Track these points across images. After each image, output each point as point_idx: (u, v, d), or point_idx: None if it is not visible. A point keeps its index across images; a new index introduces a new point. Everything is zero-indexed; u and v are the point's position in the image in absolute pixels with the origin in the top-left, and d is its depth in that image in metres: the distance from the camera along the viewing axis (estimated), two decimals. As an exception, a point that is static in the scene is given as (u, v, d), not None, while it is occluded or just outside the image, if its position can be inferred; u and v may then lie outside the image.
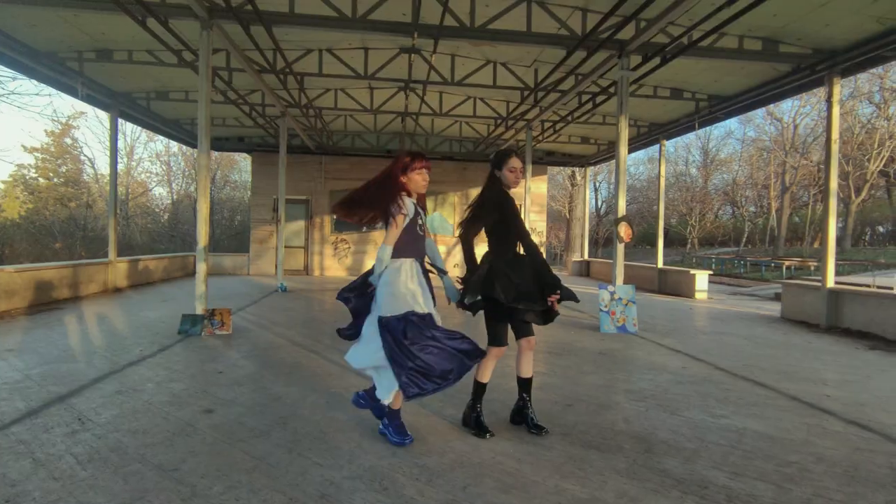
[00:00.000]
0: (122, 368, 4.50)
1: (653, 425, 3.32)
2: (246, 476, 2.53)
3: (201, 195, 6.25)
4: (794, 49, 6.96)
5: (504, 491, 2.42)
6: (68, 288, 9.11)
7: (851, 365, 5.09)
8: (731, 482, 2.55)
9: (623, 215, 6.69)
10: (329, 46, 8.70)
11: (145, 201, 28.55)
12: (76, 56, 8.35)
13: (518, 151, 3.17)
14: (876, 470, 2.72)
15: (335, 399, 3.76)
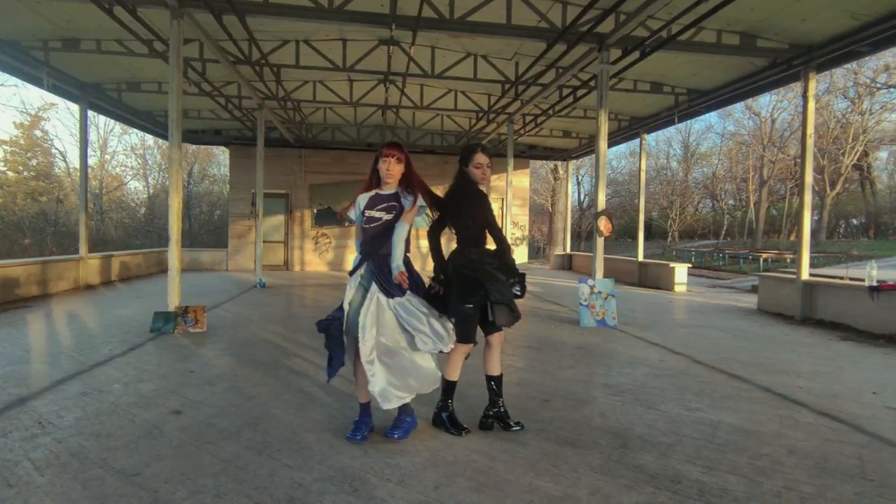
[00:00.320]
0: (89, 369, 4.36)
1: (629, 420, 3.31)
2: (212, 480, 2.45)
3: (173, 190, 6.08)
4: (771, 44, 7.02)
5: (476, 490, 2.38)
6: (37, 285, 8.83)
7: (825, 356, 5.18)
8: (704, 476, 2.55)
9: (603, 209, 6.69)
10: (306, 37, 8.52)
11: (120, 196, 27.86)
12: (41, 45, 8.04)
13: (485, 147, 3.03)
14: (845, 461, 2.75)
15: (309, 398, 3.68)
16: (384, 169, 2.93)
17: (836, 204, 21.48)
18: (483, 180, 3.01)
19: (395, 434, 2.94)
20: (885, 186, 25.50)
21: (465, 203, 3.01)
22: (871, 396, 3.88)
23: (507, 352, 5.18)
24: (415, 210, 2.92)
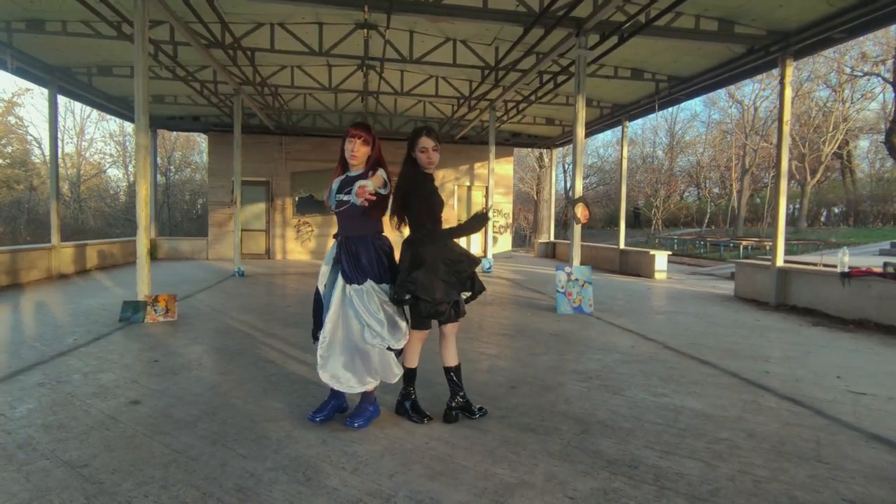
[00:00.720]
0: (51, 359, 4.25)
1: (593, 405, 3.31)
2: (161, 471, 2.39)
3: (140, 176, 5.92)
4: (749, 30, 7.00)
5: (431, 478, 2.35)
6: (6, 275, 8.61)
7: (794, 342, 5.23)
8: (661, 461, 2.54)
9: (580, 196, 6.67)
10: (281, 21, 8.32)
11: (99, 183, 27.29)
12: (4, 26, 7.76)
13: (431, 129, 2.89)
14: (802, 444, 2.77)
15: (273, 386, 3.62)
16: (349, 149, 2.87)
17: (818, 192, 21.76)
18: (428, 165, 2.91)
19: (356, 423, 2.90)
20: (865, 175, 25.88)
21: (409, 194, 2.91)
22: (835, 380, 3.92)
23: (481, 339, 5.16)
24: (379, 179, 2.82)
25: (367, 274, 2.81)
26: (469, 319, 6.16)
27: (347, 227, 2.89)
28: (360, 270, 2.80)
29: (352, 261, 2.80)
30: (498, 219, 16.04)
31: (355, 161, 2.89)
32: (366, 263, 2.82)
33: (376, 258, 2.84)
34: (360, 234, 2.85)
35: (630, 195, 27.82)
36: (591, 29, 6.52)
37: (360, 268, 2.81)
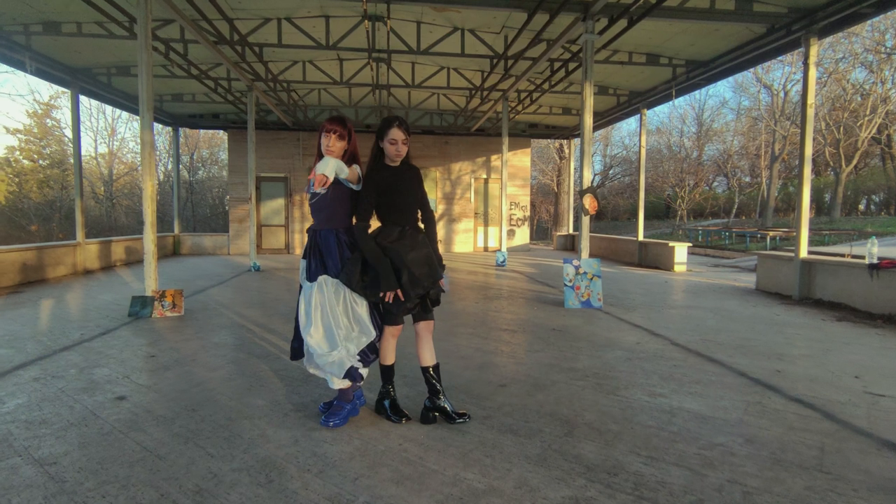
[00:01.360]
0: (53, 354, 4.33)
1: (583, 406, 3.15)
2: (125, 469, 2.36)
3: (146, 173, 5.99)
4: (769, 8, 6.60)
5: (397, 482, 2.26)
6: (33, 271, 8.92)
7: (813, 338, 4.93)
8: (644, 468, 2.38)
9: (588, 187, 6.44)
10: (287, 15, 8.29)
11: (129, 181, 28.12)
12: (22, 29, 7.96)
13: (402, 121, 2.75)
14: (804, 451, 2.56)
15: (259, 383, 3.59)
16: (325, 144, 2.81)
17: (855, 180, 20.64)
18: (396, 157, 2.78)
19: (330, 422, 2.82)
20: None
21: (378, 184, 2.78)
22: (853, 381, 3.65)
23: (479, 335, 5.04)
24: (354, 173, 2.75)
25: (330, 269, 2.75)
26: (471, 314, 6.04)
27: (316, 218, 2.84)
28: (317, 268, 2.75)
29: (316, 255, 2.75)
30: (515, 212, 15.80)
31: (331, 155, 2.82)
32: (331, 258, 2.75)
33: (339, 252, 2.75)
34: (327, 227, 2.78)
35: (655, 185, 27.07)
36: (599, 12, 6.26)
37: (317, 265, 2.76)
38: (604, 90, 11.27)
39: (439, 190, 15.67)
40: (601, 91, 11.24)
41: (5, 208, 19.23)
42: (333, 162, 2.57)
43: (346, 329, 2.76)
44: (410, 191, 2.80)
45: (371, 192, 2.74)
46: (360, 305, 2.78)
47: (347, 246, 2.81)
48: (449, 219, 15.81)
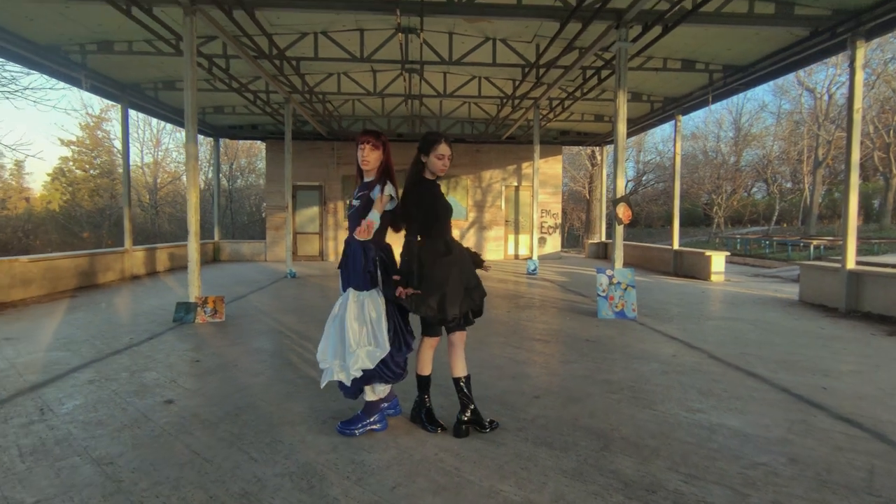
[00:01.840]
0: (105, 357, 4.56)
1: (619, 420, 3.12)
2: (176, 471, 2.48)
3: (190, 185, 6.26)
4: (811, 10, 6.41)
5: (434, 493, 2.30)
6: (85, 276, 9.40)
7: (862, 353, 4.73)
8: (684, 486, 2.35)
9: (622, 196, 6.37)
10: (324, 29, 8.54)
11: (173, 190, 29.26)
12: (78, 49, 8.45)
13: (447, 137, 2.85)
14: (852, 473, 2.47)
15: (297, 389, 3.70)
16: (360, 156, 2.92)
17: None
18: (441, 172, 2.85)
19: (346, 430, 2.89)
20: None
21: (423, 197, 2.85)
22: (905, 399, 3.50)
23: (512, 344, 5.04)
24: (383, 200, 2.84)
25: (353, 282, 2.83)
26: (503, 323, 6.05)
27: (351, 230, 2.92)
28: (346, 278, 2.88)
29: (343, 266, 2.89)
30: (546, 219, 15.71)
31: (367, 166, 2.93)
32: (355, 271, 2.84)
33: (363, 264, 2.82)
34: (358, 240, 2.85)
35: (691, 192, 26.41)
36: (632, 20, 6.21)
37: (347, 274, 2.88)
38: (637, 97, 11.12)
39: (470, 198, 15.73)
40: (634, 98, 11.10)
41: (59, 216, 20.32)
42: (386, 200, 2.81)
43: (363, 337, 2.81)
44: (447, 203, 2.88)
45: (415, 204, 2.81)
46: (383, 320, 2.84)
47: (373, 261, 2.87)
48: (479, 226, 15.84)
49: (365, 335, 2.83)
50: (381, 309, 2.85)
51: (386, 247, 2.96)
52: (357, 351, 2.80)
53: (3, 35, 7.48)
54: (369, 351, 2.82)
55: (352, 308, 2.84)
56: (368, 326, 2.83)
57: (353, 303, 2.85)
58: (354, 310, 2.84)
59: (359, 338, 2.82)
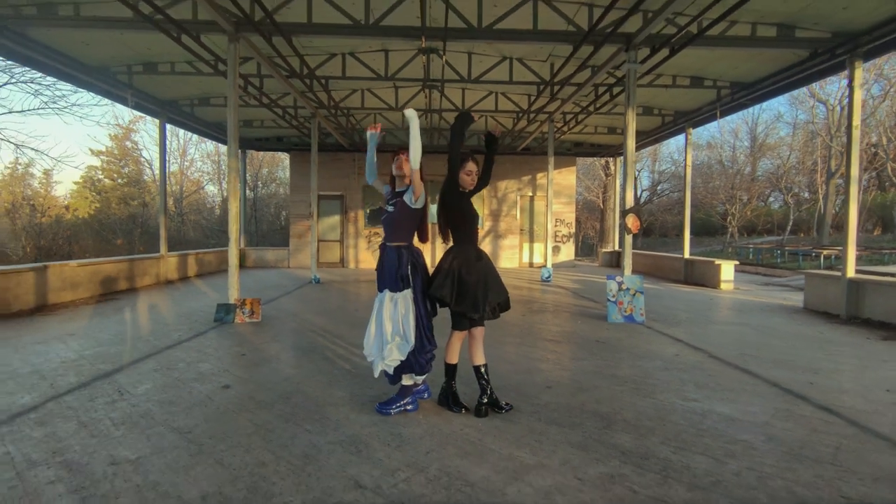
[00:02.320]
0: (161, 351, 5.11)
1: (621, 406, 3.55)
2: (245, 439, 2.98)
3: (232, 196, 6.84)
4: (811, 33, 6.80)
5: (461, 457, 2.76)
6: (125, 280, 10.07)
7: (854, 355, 5.07)
8: (672, 455, 2.78)
9: (631, 207, 6.79)
10: (351, 51, 9.14)
11: (197, 198, 30.27)
12: (125, 69, 9.17)
13: (474, 156, 3.43)
14: (821, 449, 2.87)
15: (337, 378, 4.19)
16: (395, 166, 3.42)
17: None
18: (470, 186, 3.36)
19: (383, 409, 3.36)
20: None
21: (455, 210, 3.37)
22: (884, 394, 3.86)
23: (527, 344, 5.48)
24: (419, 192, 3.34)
25: (387, 283, 3.32)
26: (518, 325, 6.48)
27: (386, 233, 3.44)
28: (382, 280, 3.37)
29: (379, 268, 3.36)
30: (560, 228, 16.10)
31: (402, 173, 3.42)
32: (388, 273, 3.32)
33: (396, 267, 3.31)
34: (393, 244, 3.36)
35: (705, 201, 26.54)
36: (641, 43, 6.66)
37: (383, 276, 3.36)
38: (648, 111, 11.53)
39: (486, 207, 16.20)
40: (646, 112, 11.51)
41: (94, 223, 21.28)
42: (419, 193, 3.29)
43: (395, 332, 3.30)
44: (475, 213, 3.38)
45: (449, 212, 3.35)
46: (409, 318, 3.32)
47: (408, 262, 3.36)
48: (495, 235, 16.29)
49: (396, 330, 3.31)
50: (411, 308, 3.33)
51: (417, 252, 3.44)
52: (390, 343, 3.28)
53: (58, 58, 8.19)
54: (399, 344, 3.30)
55: (387, 306, 3.33)
56: (399, 322, 3.31)
57: (388, 302, 3.34)
58: (389, 308, 3.33)
59: (392, 332, 3.30)
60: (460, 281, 3.21)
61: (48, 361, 4.64)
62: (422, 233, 3.52)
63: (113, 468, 2.61)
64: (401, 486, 2.44)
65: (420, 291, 3.36)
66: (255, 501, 2.29)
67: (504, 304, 3.40)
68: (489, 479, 2.51)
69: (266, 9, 6.37)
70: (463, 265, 3.24)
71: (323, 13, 6.84)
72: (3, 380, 4.06)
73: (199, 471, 2.58)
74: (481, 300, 3.20)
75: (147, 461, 2.68)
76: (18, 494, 2.35)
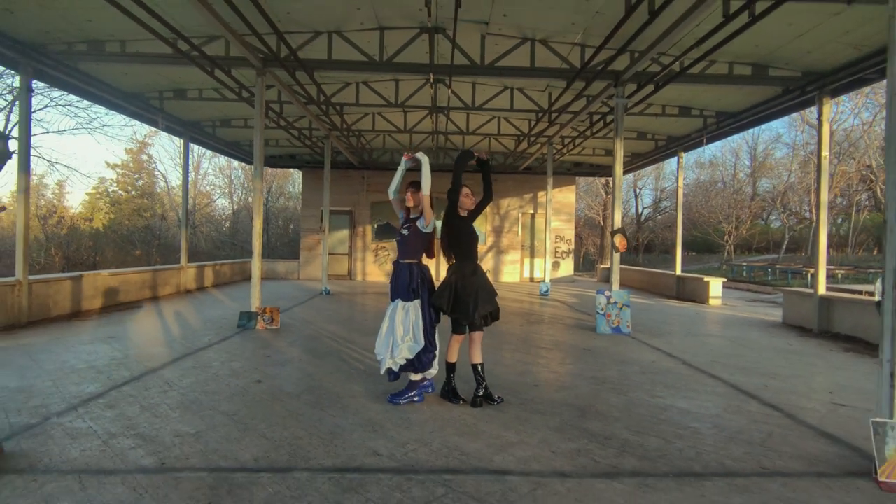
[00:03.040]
0: (195, 352, 5.77)
1: (596, 401, 4.16)
2: (281, 420, 3.62)
3: (256, 213, 7.55)
4: (783, 72, 7.49)
5: (459, 435, 3.38)
6: (149, 289, 10.78)
7: (813, 364, 5.65)
8: (631, 437, 3.39)
9: (619, 227, 7.43)
10: (365, 80, 9.92)
11: (209, 211, 31.16)
12: (157, 95, 9.98)
13: (465, 183, 4.18)
14: (755, 434, 3.48)
15: (352, 376, 4.82)
16: (408, 198, 4.12)
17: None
18: (471, 206, 4.05)
19: (394, 400, 4.00)
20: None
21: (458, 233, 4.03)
22: (826, 395, 4.45)
23: (521, 350, 6.10)
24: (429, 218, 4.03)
25: (399, 294, 3.97)
26: (515, 335, 7.10)
27: (400, 252, 4.10)
28: (395, 291, 4.01)
29: (393, 281, 4.03)
30: (560, 245, 16.75)
31: (412, 205, 4.11)
32: (401, 286, 3.98)
33: (408, 281, 3.97)
34: (404, 261, 4.03)
35: (702, 220, 27.14)
36: (628, 80, 7.37)
37: (396, 288, 4.01)
38: (643, 135, 12.24)
39: (489, 224, 16.89)
40: (640, 136, 12.22)
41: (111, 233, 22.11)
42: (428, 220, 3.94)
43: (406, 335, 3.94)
44: (475, 233, 4.05)
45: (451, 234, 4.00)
46: (419, 323, 3.96)
47: (418, 277, 4.02)
48: (497, 250, 16.94)
49: (406, 333, 3.96)
50: (419, 315, 3.99)
51: (425, 268, 4.11)
52: (401, 344, 3.93)
53: (100, 85, 8.99)
54: (410, 345, 3.94)
55: (399, 313, 3.99)
56: (409, 327, 3.97)
57: (400, 310, 4.00)
58: (401, 315, 3.99)
59: (403, 335, 3.95)
60: (456, 292, 3.86)
61: (99, 359, 5.30)
62: (429, 251, 4.19)
63: (178, 439, 3.25)
64: (410, 454, 3.07)
65: (426, 301, 4.01)
66: (296, 462, 2.93)
67: (494, 313, 4.02)
68: (480, 451, 3.13)
69: (290, 47, 7.14)
70: (459, 279, 3.89)
71: (341, 50, 7.60)
72: (66, 373, 4.73)
73: (248, 441, 3.22)
74: (472, 309, 3.84)
75: (205, 434, 3.33)
76: (110, 455, 2.99)
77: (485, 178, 4.23)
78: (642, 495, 2.61)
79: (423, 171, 3.97)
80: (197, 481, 2.68)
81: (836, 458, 3.13)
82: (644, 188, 32.89)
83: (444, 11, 6.61)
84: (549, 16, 6.74)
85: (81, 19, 6.76)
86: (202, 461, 2.93)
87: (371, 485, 2.67)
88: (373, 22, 7.30)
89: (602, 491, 2.65)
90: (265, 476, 2.75)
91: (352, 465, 2.90)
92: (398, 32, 7.46)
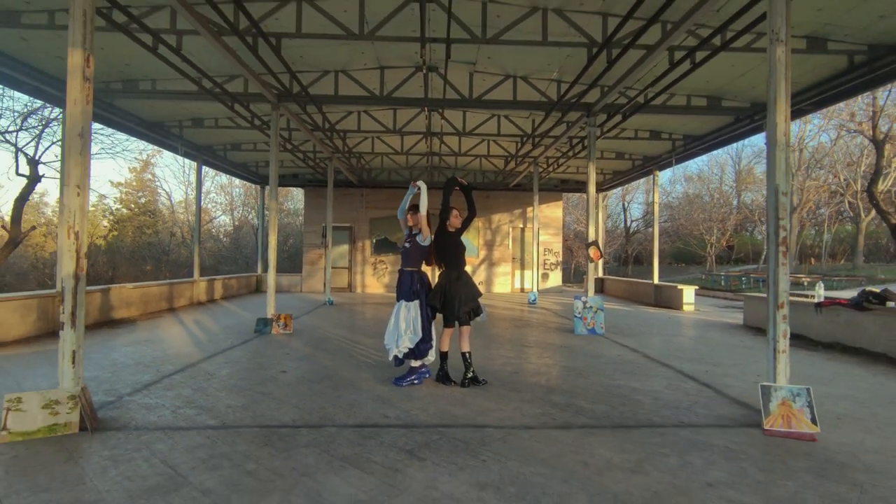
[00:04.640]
0: (223, 351, 6.66)
1: (563, 382, 5.10)
2: (309, 397, 4.53)
3: (271, 230, 8.49)
4: (734, 103, 8.56)
5: (451, 405, 4.31)
6: (166, 301, 11.65)
7: (753, 357, 6.60)
8: (585, 405, 4.32)
9: (593, 240, 8.42)
10: (366, 109, 10.96)
11: (210, 228, 32.05)
12: (177, 124, 10.98)
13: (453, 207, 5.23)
14: (683, 402, 4.41)
15: (362, 367, 5.74)
16: (410, 216, 5.08)
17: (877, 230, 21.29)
18: (458, 224, 5.01)
19: (398, 382, 4.92)
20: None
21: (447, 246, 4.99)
22: (755, 377, 5.39)
23: (504, 347, 7.03)
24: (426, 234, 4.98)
25: (402, 296, 4.92)
26: (503, 336, 8.03)
27: (403, 262, 5.05)
28: (400, 293, 4.95)
29: (398, 286, 4.99)
30: (548, 257, 17.74)
31: (412, 223, 5.08)
32: (404, 289, 4.94)
33: (409, 285, 4.92)
34: (407, 269, 4.99)
35: (685, 232, 28.24)
36: (599, 111, 8.42)
37: (400, 291, 4.95)
38: (620, 155, 13.32)
39: (481, 238, 17.88)
40: (618, 156, 13.30)
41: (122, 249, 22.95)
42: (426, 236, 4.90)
43: (407, 328, 4.88)
44: (462, 246, 5.01)
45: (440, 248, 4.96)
46: (419, 319, 4.90)
47: (418, 282, 4.97)
48: (489, 263, 17.91)
49: (408, 327, 4.89)
50: (419, 312, 4.93)
51: (423, 274, 5.06)
52: (404, 336, 4.86)
53: (128, 117, 9.99)
54: (411, 337, 4.88)
55: (402, 312, 4.92)
56: (410, 322, 4.90)
57: (403, 308, 4.93)
58: (403, 312, 4.92)
59: (405, 328, 4.89)
60: (445, 293, 4.82)
61: (143, 357, 6.19)
62: (429, 260, 5.14)
63: (230, 409, 4.16)
64: (412, 416, 3.99)
65: (424, 302, 4.96)
66: (326, 422, 3.84)
67: (476, 310, 4.97)
68: (467, 415, 4.05)
69: (302, 84, 8.16)
70: (448, 283, 4.85)
71: (347, 86, 8.63)
72: (120, 368, 5.62)
73: (286, 411, 4.13)
74: (457, 307, 4.80)
75: (250, 406, 4.24)
76: (181, 419, 3.90)
77: (467, 198, 5.19)
78: (585, 438, 3.54)
79: (422, 197, 4.94)
80: (253, 433, 3.59)
81: (740, 417, 4.07)
82: (632, 202, 34.12)
83: (437, 54, 7.67)
84: (528, 58, 7.80)
85: (121, 63, 7.77)
86: (253, 422, 3.85)
87: (384, 434, 3.59)
88: (374, 62, 8.35)
89: (556, 437, 3.57)
90: (303, 430, 3.67)
91: (369, 423, 3.82)
92: (397, 71, 8.51)
